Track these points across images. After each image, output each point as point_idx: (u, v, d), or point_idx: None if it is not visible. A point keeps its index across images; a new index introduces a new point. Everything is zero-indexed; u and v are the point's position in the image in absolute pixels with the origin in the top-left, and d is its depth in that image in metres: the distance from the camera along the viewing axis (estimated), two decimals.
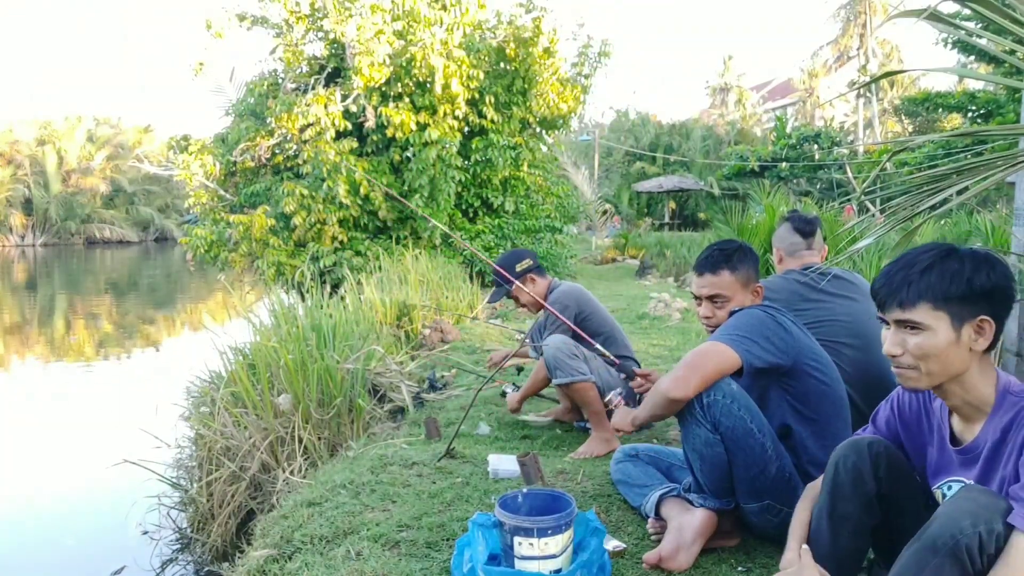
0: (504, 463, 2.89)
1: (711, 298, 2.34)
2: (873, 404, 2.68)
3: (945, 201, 1.98)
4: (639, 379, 2.79)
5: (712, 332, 2.30)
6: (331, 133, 9.86)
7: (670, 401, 2.06)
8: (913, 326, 1.44)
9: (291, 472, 3.76)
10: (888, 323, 1.50)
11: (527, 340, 3.97)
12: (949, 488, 1.53)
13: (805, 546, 1.66)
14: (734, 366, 2.05)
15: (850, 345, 2.70)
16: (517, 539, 1.87)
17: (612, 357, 3.20)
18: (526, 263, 3.70)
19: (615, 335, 3.62)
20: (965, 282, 1.41)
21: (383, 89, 10.33)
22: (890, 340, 1.49)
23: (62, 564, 4.08)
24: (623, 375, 3.18)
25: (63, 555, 4.18)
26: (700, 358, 2.06)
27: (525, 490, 2.09)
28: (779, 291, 2.76)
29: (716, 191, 27.06)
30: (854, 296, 2.83)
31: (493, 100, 10.90)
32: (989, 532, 1.31)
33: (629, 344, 3.68)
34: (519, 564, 1.88)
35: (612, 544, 2.16)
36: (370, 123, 10.07)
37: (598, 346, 3.26)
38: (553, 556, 1.88)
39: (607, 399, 2.68)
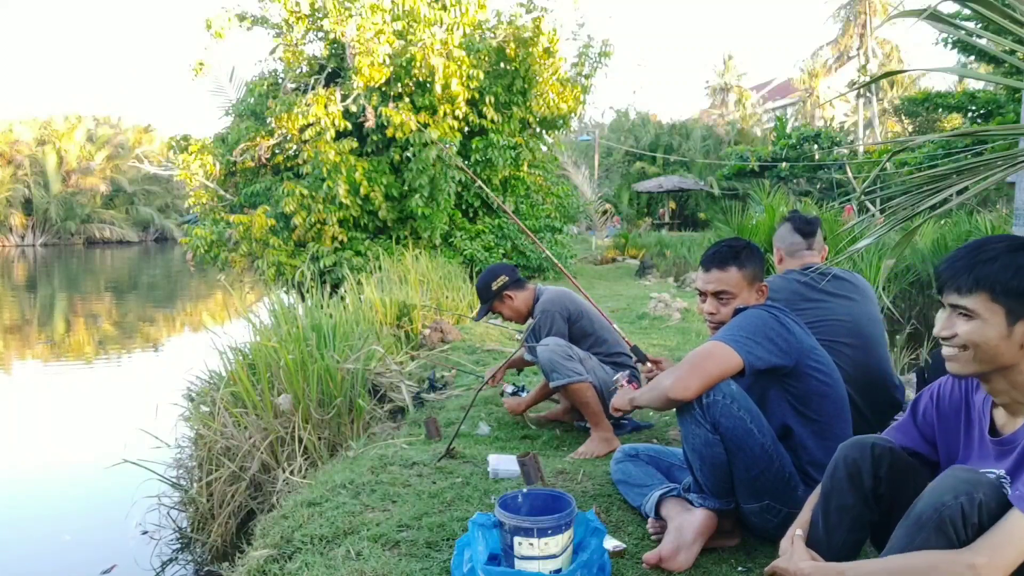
0: (504, 463, 2.89)
1: (717, 294, 2.32)
2: (873, 404, 2.70)
3: (945, 201, 1.98)
4: (650, 364, 2.77)
5: (714, 329, 2.30)
6: (331, 133, 9.86)
7: (670, 400, 2.07)
8: (967, 313, 1.43)
9: (291, 472, 3.76)
10: (944, 305, 1.49)
11: (524, 343, 3.96)
12: None
13: (799, 531, 1.68)
14: (736, 368, 2.05)
15: (850, 345, 2.70)
16: (517, 539, 1.87)
17: (625, 336, 3.17)
18: (501, 280, 3.65)
19: (605, 335, 3.61)
20: None
21: (383, 89, 10.33)
22: (942, 322, 1.47)
23: (61, 564, 4.08)
24: (635, 357, 3.15)
25: (62, 554, 4.17)
26: (702, 359, 2.06)
27: (525, 490, 2.09)
28: (779, 291, 2.76)
29: (716, 191, 27.06)
30: (854, 296, 2.83)
31: (493, 100, 10.89)
32: (971, 502, 1.34)
33: (622, 343, 3.65)
34: (519, 564, 1.88)
35: (612, 544, 2.16)
36: (370, 123, 10.07)
37: (616, 326, 3.22)
38: (553, 556, 1.88)
39: (614, 378, 2.66)
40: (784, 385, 2.16)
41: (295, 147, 10.54)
